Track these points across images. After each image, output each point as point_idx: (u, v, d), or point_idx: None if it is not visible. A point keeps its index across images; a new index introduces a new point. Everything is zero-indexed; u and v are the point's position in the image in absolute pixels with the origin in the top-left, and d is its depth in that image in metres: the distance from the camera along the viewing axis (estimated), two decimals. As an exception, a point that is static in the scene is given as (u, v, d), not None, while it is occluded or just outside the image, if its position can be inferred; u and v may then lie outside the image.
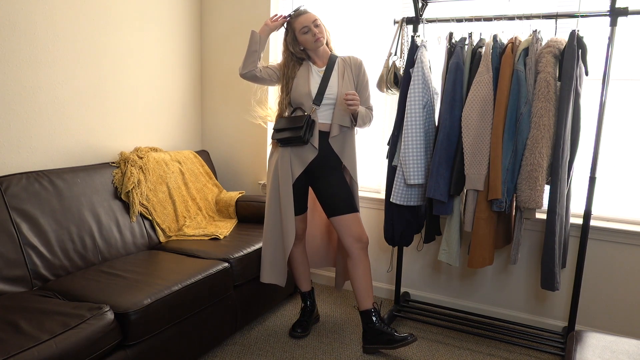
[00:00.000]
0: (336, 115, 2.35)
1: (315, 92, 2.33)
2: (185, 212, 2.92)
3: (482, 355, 2.45)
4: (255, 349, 2.44)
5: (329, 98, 2.34)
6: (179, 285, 2.07)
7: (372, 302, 2.40)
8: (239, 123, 3.42)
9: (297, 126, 2.29)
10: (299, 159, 2.37)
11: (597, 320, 2.59)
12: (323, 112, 2.35)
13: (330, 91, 2.34)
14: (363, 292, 2.39)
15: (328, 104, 2.35)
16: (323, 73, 2.37)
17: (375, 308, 2.40)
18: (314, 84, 2.36)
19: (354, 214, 2.38)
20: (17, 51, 2.29)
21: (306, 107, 2.34)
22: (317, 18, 2.34)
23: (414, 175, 2.40)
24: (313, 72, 2.39)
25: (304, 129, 2.27)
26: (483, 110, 2.25)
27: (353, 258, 2.38)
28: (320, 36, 2.32)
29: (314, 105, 2.33)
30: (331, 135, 2.35)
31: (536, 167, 2.16)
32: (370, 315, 2.39)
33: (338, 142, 2.38)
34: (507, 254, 2.68)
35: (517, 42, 2.24)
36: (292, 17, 2.36)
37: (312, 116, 2.32)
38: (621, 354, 1.59)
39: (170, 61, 3.22)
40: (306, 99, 2.34)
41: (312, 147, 2.34)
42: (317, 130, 2.33)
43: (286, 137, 2.32)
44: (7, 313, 1.72)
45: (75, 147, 2.62)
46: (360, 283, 2.39)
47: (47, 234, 2.19)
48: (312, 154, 2.35)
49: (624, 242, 2.48)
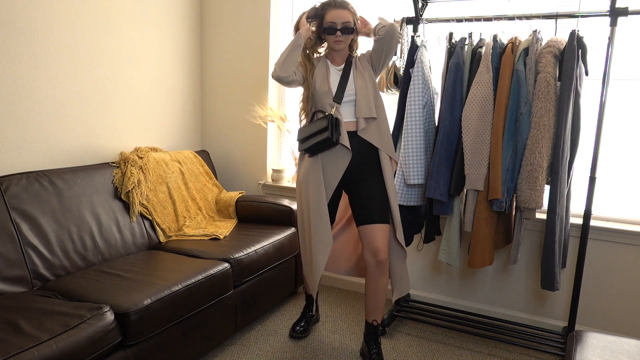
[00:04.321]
0: (359, 109, 2.17)
1: (335, 90, 2.19)
2: (185, 212, 2.92)
3: (482, 355, 2.45)
4: (255, 349, 2.44)
5: (349, 95, 2.19)
6: (179, 285, 2.07)
7: (372, 319, 2.28)
8: (239, 123, 3.42)
9: (321, 129, 2.11)
10: (333, 166, 2.17)
11: (597, 320, 2.59)
12: (345, 111, 2.20)
13: (350, 88, 2.20)
14: (368, 307, 2.29)
15: (349, 101, 2.20)
16: (342, 71, 2.23)
17: (374, 326, 2.29)
18: (333, 82, 2.21)
19: (382, 226, 2.18)
20: (17, 51, 2.29)
21: (326, 107, 2.19)
22: (349, 20, 2.16)
23: (414, 175, 2.40)
24: (331, 71, 2.25)
25: (330, 129, 2.08)
26: (483, 110, 2.25)
27: (367, 273, 2.23)
28: (342, 42, 2.18)
29: (334, 102, 2.17)
30: (359, 129, 2.17)
31: (536, 167, 2.15)
32: (369, 327, 2.31)
33: (371, 132, 2.18)
34: (507, 254, 2.68)
35: (517, 42, 2.24)
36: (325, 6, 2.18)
37: (335, 115, 2.14)
38: (621, 354, 1.59)
39: (170, 61, 3.22)
40: (326, 97, 2.19)
41: (344, 149, 2.15)
42: (344, 129, 2.15)
43: (313, 144, 2.13)
44: (7, 313, 1.72)
45: (75, 147, 2.62)
46: (369, 300, 2.27)
47: (47, 234, 2.19)
48: (347, 157, 2.16)
49: (624, 242, 2.48)
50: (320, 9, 2.21)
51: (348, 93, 2.20)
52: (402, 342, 2.55)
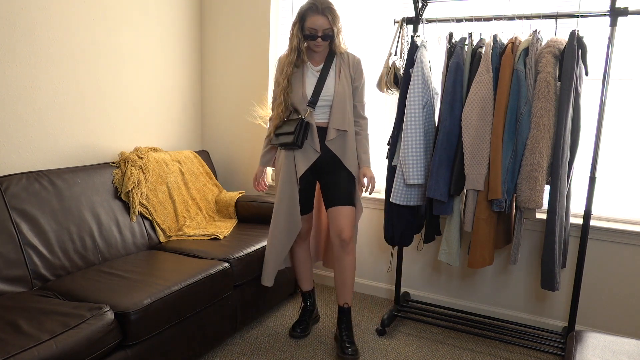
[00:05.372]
0: (333, 118, 2.28)
1: (311, 94, 2.28)
2: (185, 212, 2.92)
3: (482, 355, 2.45)
4: (255, 349, 2.44)
5: (325, 100, 2.29)
6: (179, 285, 2.07)
7: (343, 301, 2.42)
8: (239, 123, 3.42)
9: (290, 131, 2.25)
10: (304, 157, 2.32)
11: (597, 320, 2.59)
12: (321, 113, 2.31)
13: (327, 92, 2.28)
14: (338, 289, 2.43)
15: (324, 105, 2.30)
16: (320, 72, 2.30)
17: (345, 308, 2.42)
18: (310, 86, 2.30)
19: (347, 207, 2.32)
20: (17, 51, 2.29)
21: (301, 110, 2.29)
22: (330, 27, 2.19)
23: (413, 175, 2.40)
24: (308, 73, 2.32)
25: (295, 133, 2.23)
26: (483, 110, 2.25)
27: (334, 253, 2.40)
28: (321, 46, 2.25)
29: (308, 107, 2.28)
30: (328, 138, 2.30)
31: (536, 167, 2.16)
32: (340, 310, 2.44)
33: (337, 144, 2.32)
34: (507, 254, 2.68)
35: (517, 42, 2.24)
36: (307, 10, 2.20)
37: (307, 118, 2.26)
38: (621, 354, 1.59)
39: (170, 61, 3.22)
40: (300, 103, 2.29)
41: (312, 149, 2.30)
42: (314, 132, 2.29)
43: (282, 143, 2.30)
44: (7, 313, 1.72)
45: (75, 147, 2.62)
46: (337, 281, 2.43)
47: (47, 234, 2.19)
48: (315, 155, 2.31)
49: (624, 242, 2.48)
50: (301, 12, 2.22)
51: (324, 97, 2.29)
52: (402, 342, 2.55)
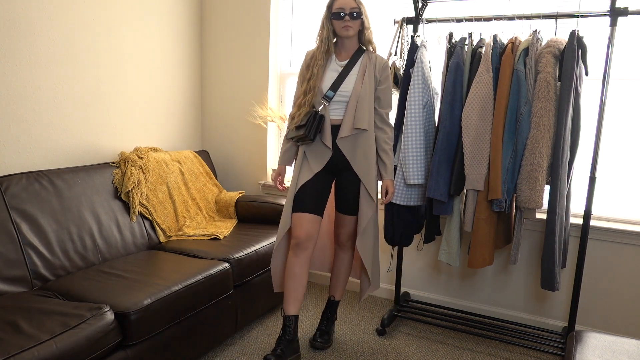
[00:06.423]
0: (347, 115, 2.17)
1: (329, 87, 2.19)
2: (185, 212, 2.92)
3: (482, 355, 2.45)
4: (255, 349, 2.44)
5: (343, 95, 2.18)
6: (179, 285, 2.07)
7: (332, 294, 2.52)
8: (239, 123, 3.42)
9: (303, 124, 2.17)
10: (316, 157, 2.24)
11: (597, 320, 2.59)
12: (336, 109, 2.21)
13: (346, 87, 2.18)
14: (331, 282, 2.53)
15: (341, 101, 2.20)
16: (343, 67, 2.21)
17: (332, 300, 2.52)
18: (329, 79, 2.20)
19: (351, 217, 2.32)
20: (17, 51, 2.29)
21: (316, 103, 2.20)
22: (358, 7, 2.14)
23: (413, 175, 2.40)
24: (331, 65, 2.23)
25: (308, 126, 2.14)
26: (483, 110, 2.25)
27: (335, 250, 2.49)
28: (350, 27, 2.14)
29: (323, 100, 2.19)
30: (340, 135, 2.19)
31: (536, 167, 2.16)
32: (327, 302, 2.55)
33: (348, 145, 2.20)
34: (507, 254, 2.68)
35: (517, 42, 2.24)
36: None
37: (321, 112, 2.17)
38: (621, 354, 1.59)
39: (170, 61, 3.22)
40: (318, 96, 2.20)
41: (324, 146, 2.20)
42: (327, 127, 2.18)
43: (294, 137, 2.22)
44: (7, 313, 1.72)
45: (75, 147, 2.62)
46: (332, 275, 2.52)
47: (47, 234, 2.19)
48: (327, 153, 2.21)
49: (624, 242, 2.48)
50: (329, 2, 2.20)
51: (342, 92, 2.19)
52: (402, 342, 2.55)
